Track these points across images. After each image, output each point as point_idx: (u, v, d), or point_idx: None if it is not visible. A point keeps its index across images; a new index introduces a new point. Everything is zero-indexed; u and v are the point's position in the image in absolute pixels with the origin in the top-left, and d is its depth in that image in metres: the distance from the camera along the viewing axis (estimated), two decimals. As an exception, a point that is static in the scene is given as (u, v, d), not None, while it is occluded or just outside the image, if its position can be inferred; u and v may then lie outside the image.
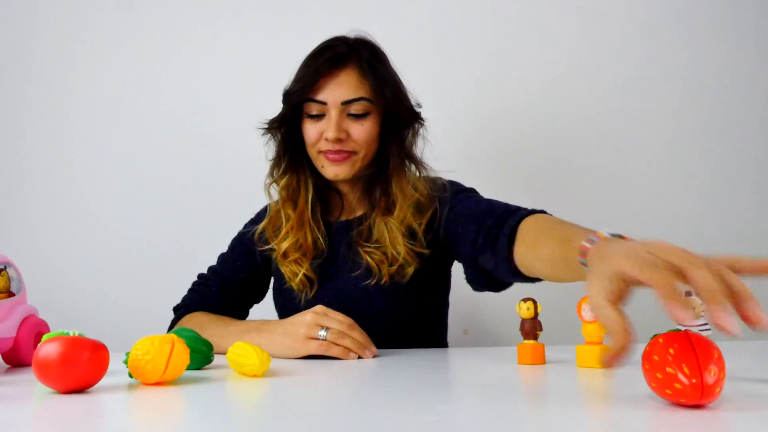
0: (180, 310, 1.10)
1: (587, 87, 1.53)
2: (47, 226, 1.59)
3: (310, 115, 1.02)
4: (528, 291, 0.93)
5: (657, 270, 0.45)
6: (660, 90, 1.52)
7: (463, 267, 0.97)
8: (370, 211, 1.06)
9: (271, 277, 1.15)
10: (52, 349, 0.58)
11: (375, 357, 0.87)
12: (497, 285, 0.92)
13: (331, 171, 1.03)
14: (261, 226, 1.10)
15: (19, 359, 0.85)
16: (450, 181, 1.08)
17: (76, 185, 1.60)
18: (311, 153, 1.05)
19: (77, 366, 0.58)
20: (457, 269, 1.04)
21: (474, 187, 1.08)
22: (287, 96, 1.04)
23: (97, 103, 1.61)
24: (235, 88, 1.57)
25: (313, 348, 0.85)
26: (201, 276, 1.14)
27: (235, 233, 1.17)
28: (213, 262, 1.14)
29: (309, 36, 1.06)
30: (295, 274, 1.04)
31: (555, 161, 1.53)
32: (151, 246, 1.56)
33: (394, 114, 1.03)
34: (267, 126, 1.06)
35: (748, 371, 0.66)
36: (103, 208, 1.58)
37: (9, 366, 0.86)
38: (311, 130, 1.02)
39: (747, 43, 1.51)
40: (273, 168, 1.08)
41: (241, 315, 1.14)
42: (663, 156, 1.51)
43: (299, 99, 1.01)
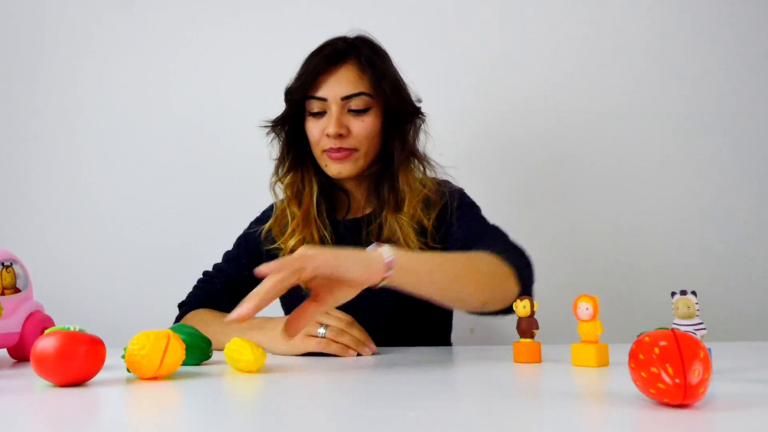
0: (184, 307, 1.11)
1: (592, 85, 1.51)
2: (55, 223, 1.61)
3: (312, 113, 1.03)
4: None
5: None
6: (666, 89, 1.50)
7: None
8: (378, 210, 1.05)
9: None
10: (49, 344, 0.59)
11: (374, 354, 0.87)
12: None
13: (334, 169, 1.03)
14: (267, 225, 1.09)
15: (25, 354, 0.86)
16: (459, 190, 1.08)
17: (83, 184, 1.62)
18: (315, 152, 1.05)
19: (73, 360, 0.60)
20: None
21: (478, 205, 1.08)
22: (288, 94, 1.05)
23: (104, 104, 1.63)
24: (239, 88, 1.58)
25: (312, 345, 0.86)
26: (206, 273, 1.15)
27: (241, 232, 1.17)
28: (218, 259, 1.15)
29: (313, 35, 1.07)
30: None
31: (560, 160, 1.52)
32: (157, 243, 1.58)
33: (394, 109, 1.03)
34: (270, 125, 1.06)
35: (739, 371, 0.66)
36: (110, 206, 1.61)
37: (15, 360, 0.88)
38: (314, 128, 1.03)
39: (754, 43, 1.49)
40: (277, 166, 1.09)
41: None
42: (669, 155, 1.49)
43: (300, 96, 1.02)
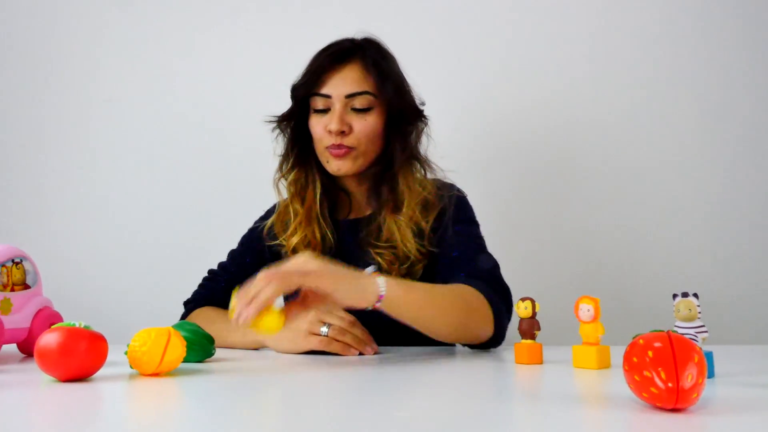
0: (189, 304, 1.12)
1: (593, 88, 1.50)
2: (66, 221, 1.64)
3: (316, 110, 1.04)
4: (526, 290, 0.93)
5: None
6: (669, 92, 1.47)
7: None
8: (377, 211, 1.06)
9: None
10: (50, 340, 0.61)
11: (376, 354, 0.88)
12: None
13: (334, 165, 1.03)
14: (270, 221, 1.11)
15: (33, 349, 0.88)
16: (460, 197, 1.08)
17: (93, 183, 1.65)
18: (318, 149, 1.06)
19: (75, 355, 0.61)
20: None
21: (477, 221, 1.08)
22: (294, 91, 1.06)
23: (113, 105, 1.66)
24: (246, 88, 1.59)
25: (315, 344, 0.86)
26: (210, 272, 1.16)
27: (245, 230, 1.18)
28: (223, 257, 1.16)
29: (319, 35, 1.08)
30: None
31: (561, 162, 1.51)
32: (165, 241, 1.60)
33: (397, 111, 1.04)
34: (276, 120, 1.08)
35: (740, 375, 0.65)
36: (119, 205, 1.63)
37: (24, 355, 0.90)
38: (317, 124, 1.04)
39: (764, 45, 1.46)
40: (281, 163, 1.10)
41: None
42: (672, 157, 1.47)
43: (305, 93, 1.04)
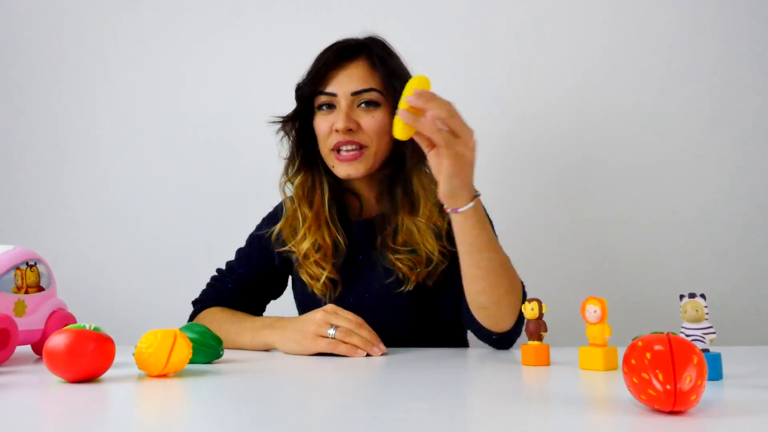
0: (197, 304, 1.12)
1: (603, 89, 1.48)
2: (80, 224, 1.67)
3: (321, 109, 1.02)
4: (533, 291, 0.92)
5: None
6: (683, 92, 1.46)
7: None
8: (389, 211, 1.03)
9: (289, 277, 1.15)
10: (59, 341, 0.62)
11: (383, 355, 0.88)
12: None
13: (343, 170, 1.01)
14: (278, 227, 1.08)
15: (46, 350, 0.90)
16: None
17: (105, 187, 1.68)
18: (323, 151, 1.03)
19: (82, 357, 0.62)
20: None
21: (491, 219, 1.05)
22: (299, 90, 1.04)
23: (121, 109, 1.69)
24: (253, 89, 1.61)
25: (323, 346, 0.86)
26: (218, 271, 1.15)
27: (252, 228, 1.16)
28: (232, 257, 1.15)
29: (325, 34, 1.06)
30: (317, 277, 1.03)
31: (569, 163, 1.50)
32: (177, 243, 1.62)
33: None
34: (281, 121, 1.05)
35: (749, 377, 0.64)
36: (132, 208, 1.66)
37: (38, 357, 0.92)
38: (322, 123, 1.01)
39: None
40: (287, 166, 1.08)
41: (257, 312, 1.13)
42: (681, 158, 1.45)
43: (310, 92, 1.01)
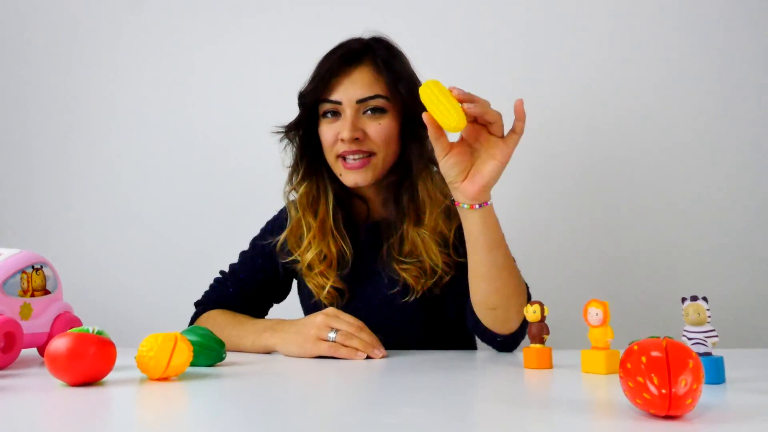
0: (199, 306, 1.12)
1: (607, 91, 1.48)
2: (87, 228, 1.69)
3: (325, 117, 0.99)
4: (535, 294, 0.92)
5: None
6: (686, 94, 1.45)
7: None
8: (395, 219, 1.02)
9: (294, 281, 1.15)
10: (60, 345, 0.62)
11: (384, 358, 0.87)
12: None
13: (350, 178, 0.99)
14: (282, 236, 1.06)
15: (51, 353, 0.91)
16: None
17: (111, 191, 1.70)
18: (329, 159, 1.01)
19: (83, 360, 0.62)
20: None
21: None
22: (302, 97, 1.01)
23: (129, 116, 1.71)
24: (257, 93, 1.62)
25: (323, 349, 0.86)
26: (221, 273, 1.14)
27: (257, 231, 1.15)
28: (237, 259, 1.15)
29: (332, 39, 1.03)
30: (323, 286, 1.02)
31: (571, 165, 1.49)
32: (184, 246, 1.64)
33: (412, 113, 0.97)
34: (284, 130, 1.03)
35: (751, 381, 0.63)
36: (139, 211, 1.68)
37: (44, 359, 0.92)
38: (327, 132, 0.99)
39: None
40: (291, 175, 1.06)
41: (259, 315, 1.12)
42: (684, 160, 1.45)
43: (313, 99, 0.99)
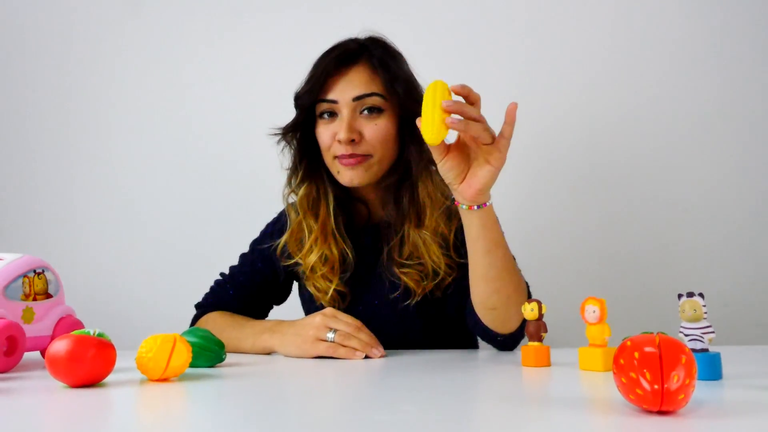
0: (199, 309, 1.12)
1: (607, 91, 1.48)
2: (89, 231, 1.69)
3: (322, 118, 0.99)
4: (533, 292, 0.92)
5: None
6: (685, 92, 1.45)
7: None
8: (395, 220, 1.01)
9: (294, 282, 1.15)
10: (60, 347, 0.63)
11: (382, 357, 0.88)
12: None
13: (347, 176, 0.97)
14: (283, 240, 1.05)
15: (54, 356, 0.91)
16: None
17: (113, 194, 1.70)
18: (327, 159, 1.00)
19: (82, 362, 0.63)
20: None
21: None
22: (298, 99, 1.01)
23: (130, 118, 1.71)
24: (257, 95, 1.62)
25: (322, 349, 0.87)
26: (221, 275, 1.14)
27: (257, 233, 1.15)
28: (236, 262, 1.15)
29: (331, 40, 1.03)
30: (325, 290, 1.01)
31: (569, 164, 1.49)
32: (186, 249, 1.64)
33: (409, 113, 0.96)
34: (281, 132, 1.02)
35: (747, 377, 0.63)
36: (141, 214, 1.68)
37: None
38: (324, 132, 0.98)
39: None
40: (290, 177, 1.05)
41: (260, 316, 1.11)
42: (686, 159, 1.45)
43: (310, 100, 0.98)
